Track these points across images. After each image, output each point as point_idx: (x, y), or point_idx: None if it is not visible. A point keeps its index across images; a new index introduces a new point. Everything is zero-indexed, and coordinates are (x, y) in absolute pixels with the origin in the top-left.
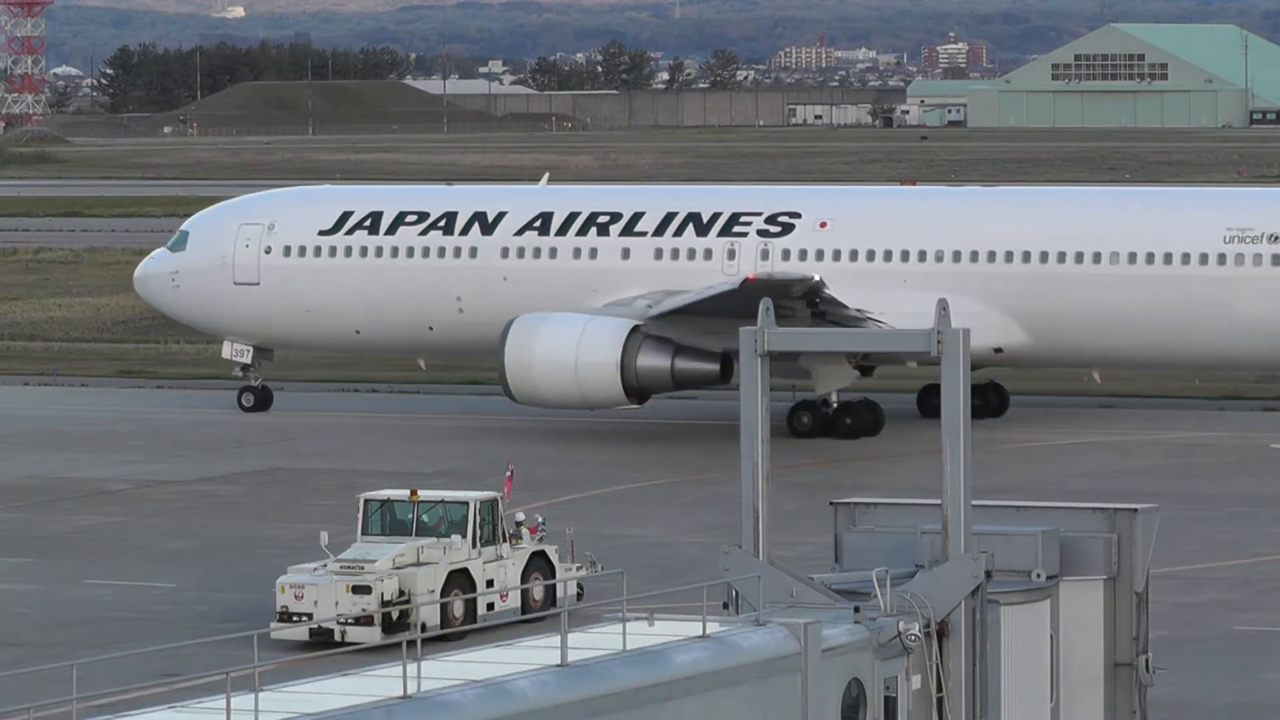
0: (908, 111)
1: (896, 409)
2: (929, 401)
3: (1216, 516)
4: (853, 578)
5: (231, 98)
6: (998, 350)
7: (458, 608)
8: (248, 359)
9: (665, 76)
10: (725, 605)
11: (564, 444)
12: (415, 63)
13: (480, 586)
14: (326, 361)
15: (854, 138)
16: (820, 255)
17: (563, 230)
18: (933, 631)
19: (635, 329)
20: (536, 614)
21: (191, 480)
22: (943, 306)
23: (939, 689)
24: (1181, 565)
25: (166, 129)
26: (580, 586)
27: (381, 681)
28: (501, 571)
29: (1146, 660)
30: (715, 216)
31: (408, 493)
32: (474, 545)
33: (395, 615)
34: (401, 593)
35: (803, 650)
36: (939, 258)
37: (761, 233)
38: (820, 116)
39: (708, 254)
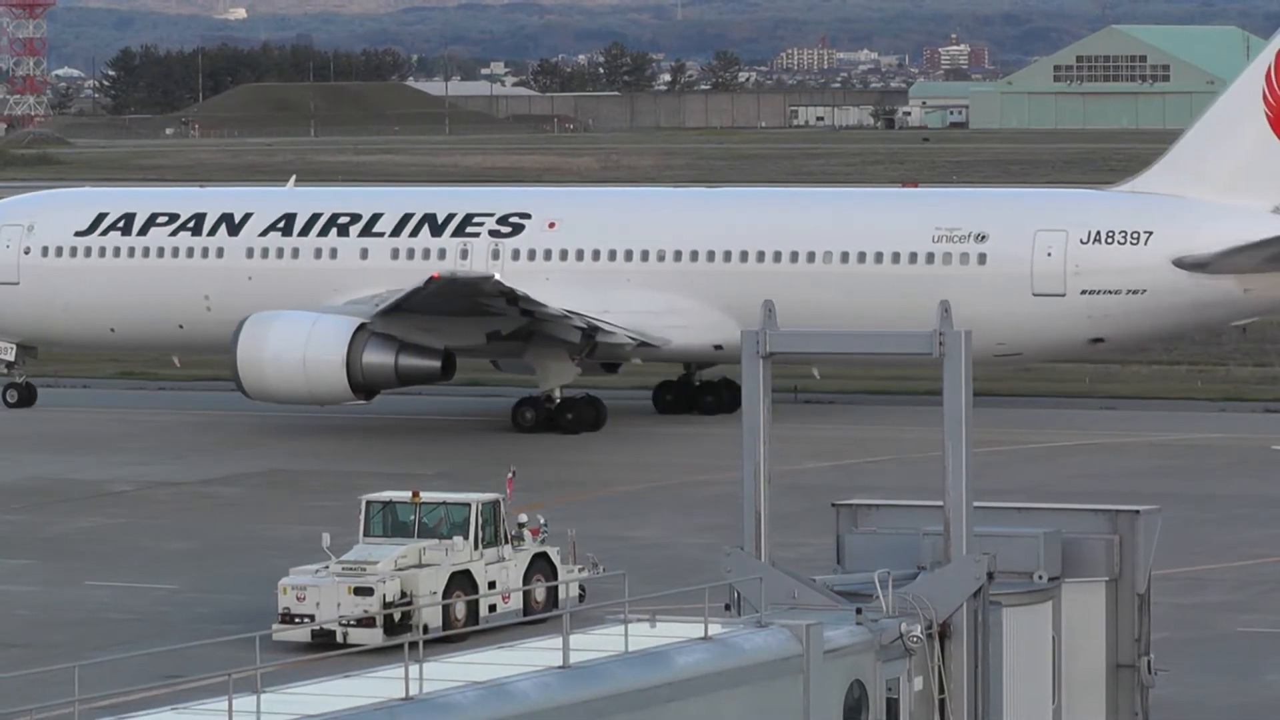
0: (909, 113)
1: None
2: (664, 398)
3: (1218, 518)
4: (855, 579)
5: (233, 99)
6: (718, 348)
7: (460, 609)
8: (11, 356)
9: (667, 78)
10: (727, 607)
11: (565, 445)
12: (417, 64)
13: (482, 588)
14: None
15: (856, 139)
16: (548, 255)
17: (305, 231)
18: (934, 633)
19: (362, 327)
20: (539, 615)
21: (192, 482)
22: (945, 308)
23: (941, 690)
24: (1183, 567)
25: (168, 130)
26: (582, 588)
27: (384, 683)
28: (503, 573)
29: (1148, 662)
30: (450, 217)
31: (409, 494)
32: (476, 547)
33: (397, 617)
34: (403, 594)
35: (805, 652)
36: (661, 257)
37: (493, 233)
38: (822, 118)
39: (441, 254)
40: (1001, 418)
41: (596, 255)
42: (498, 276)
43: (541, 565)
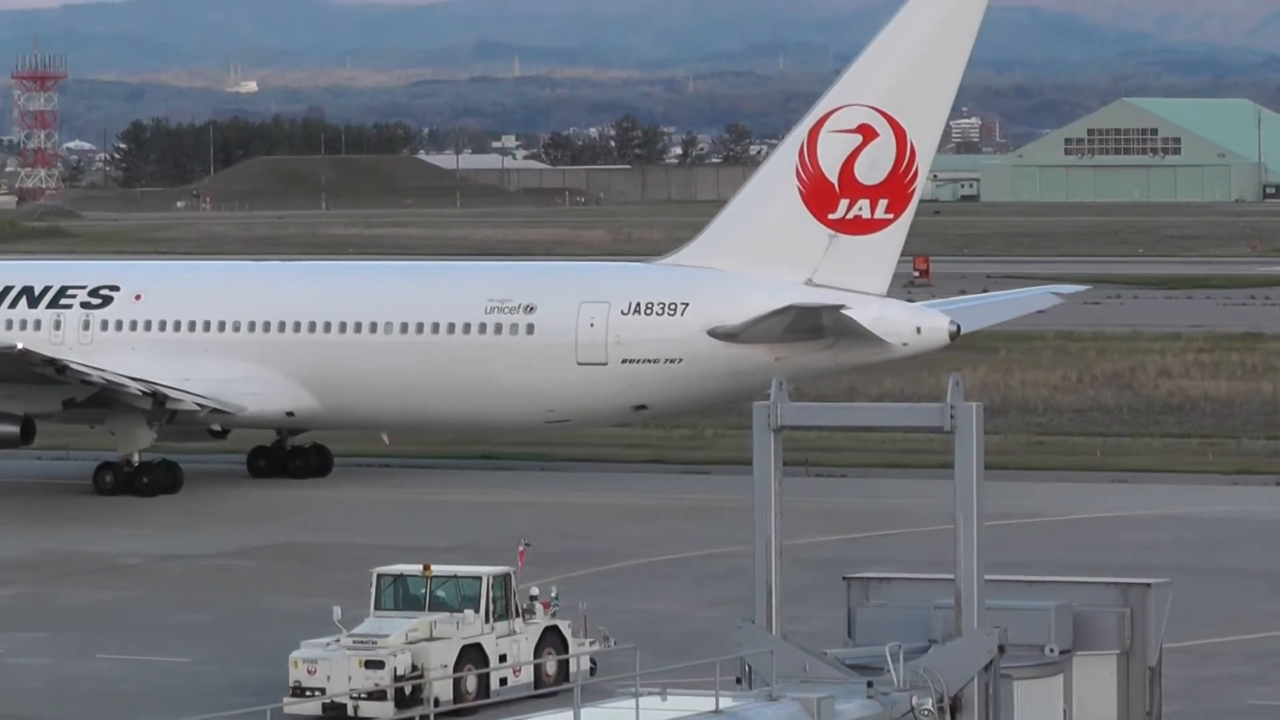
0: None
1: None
2: (256, 463)
3: (1229, 590)
4: (866, 652)
5: (244, 172)
6: (290, 414)
7: (471, 683)
8: None
9: (678, 151)
10: (738, 680)
11: (575, 519)
12: (428, 137)
13: (493, 661)
14: (339, 438)
15: None
16: (134, 325)
17: None
18: (946, 706)
19: None
20: (549, 689)
21: (204, 554)
22: (955, 381)
23: None
24: (1194, 639)
25: (179, 203)
26: (593, 661)
27: None
28: (515, 646)
29: None
30: (46, 290)
31: (420, 567)
32: (487, 620)
33: (408, 690)
34: (414, 668)
35: None
36: (236, 328)
37: (85, 305)
38: None
39: (37, 325)
40: (1013, 491)
41: (178, 326)
42: (20, 346)
43: (553, 638)
